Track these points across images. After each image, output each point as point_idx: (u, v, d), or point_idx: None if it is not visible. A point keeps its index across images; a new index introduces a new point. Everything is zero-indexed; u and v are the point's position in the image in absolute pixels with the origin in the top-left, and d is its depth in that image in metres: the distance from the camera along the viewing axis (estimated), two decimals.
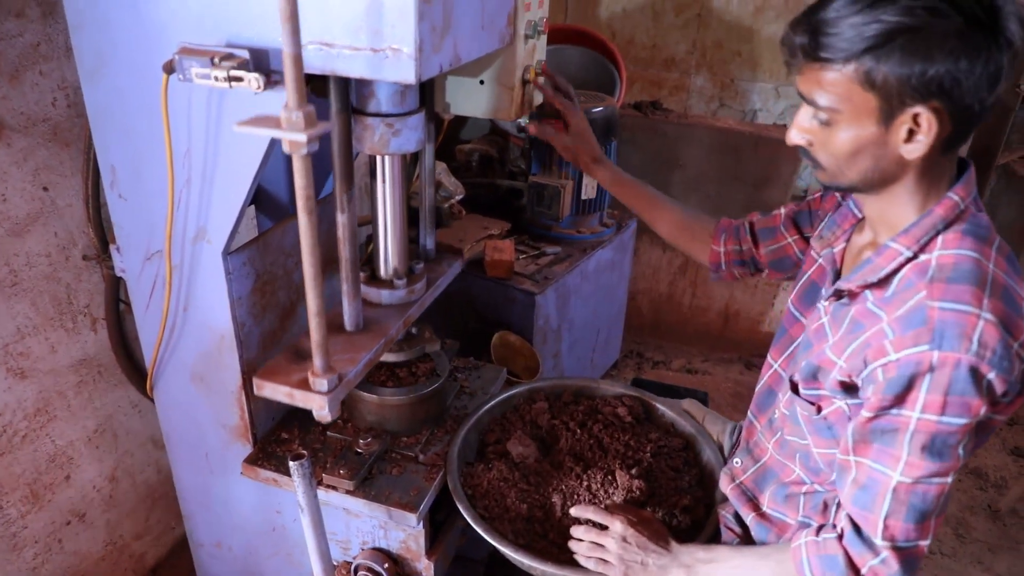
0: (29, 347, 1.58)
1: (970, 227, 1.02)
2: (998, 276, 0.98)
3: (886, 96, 0.94)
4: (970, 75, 0.90)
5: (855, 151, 1.01)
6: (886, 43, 0.91)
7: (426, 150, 1.53)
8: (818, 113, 1.01)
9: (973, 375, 0.92)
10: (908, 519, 0.99)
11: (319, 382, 1.17)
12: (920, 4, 0.89)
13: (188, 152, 1.26)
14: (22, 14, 1.41)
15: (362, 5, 1.05)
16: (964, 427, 0.95)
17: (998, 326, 0.93)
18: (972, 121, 0.97)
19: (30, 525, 1.67)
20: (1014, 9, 0.90)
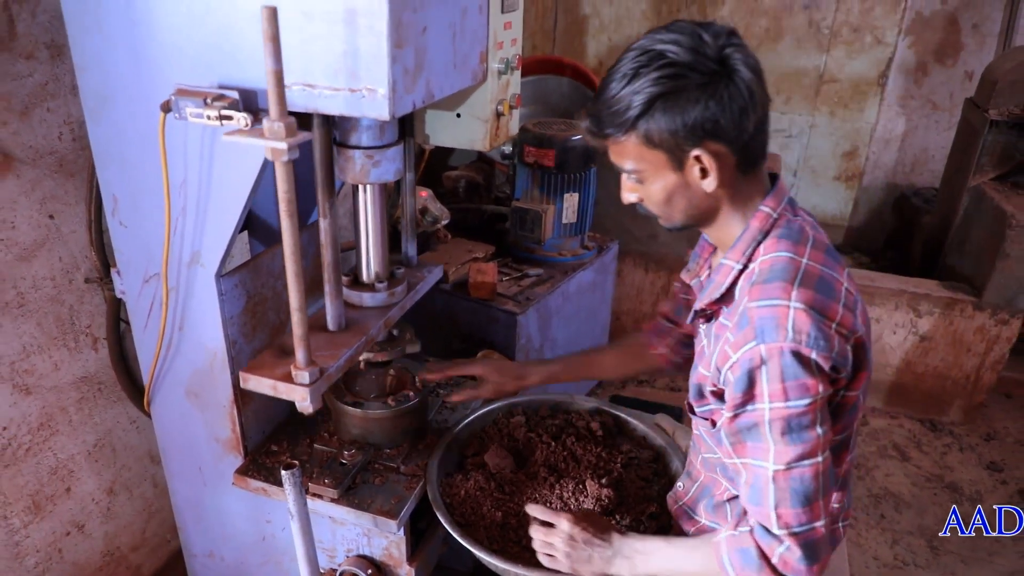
0: (34, 364, 1.67)
1: (784, 231, 1.16)
2: (811, 268, 1.11)
3: (668, 149, 1.11)
4: (722, 114, 1.07)
5: (669, 197, 1.17)
6: (648, 110, 1.08)
7: (406, 177, 1.64)
8: (631, 175, 1.19)
9: (798, 358, 1.04)
10: (795, 504, 1.08)
11: (301, 375, 1.27)
12: (665, 73, 1.06)
13: (184, 183, 1.37)
14: (32, 56, 1.52)
15: (340, 50, 1.16)
16: (811, 406, 1.06)
17: (808, 311, 1.05)
18: (748, 145, 1.12)
19: (32, 535, 1.76)
20: (740, 56, 1.08)
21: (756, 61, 1.10)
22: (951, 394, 3.22)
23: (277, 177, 1.11)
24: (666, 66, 1.06)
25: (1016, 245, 2.87)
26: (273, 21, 1.01)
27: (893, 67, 4.32)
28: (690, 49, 1.06)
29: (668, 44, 1.07)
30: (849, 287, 1.15)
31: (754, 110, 1.09)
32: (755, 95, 1.09)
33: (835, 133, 4.58)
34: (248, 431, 1.64)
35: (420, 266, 1.77)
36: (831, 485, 1.11)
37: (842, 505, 1.34)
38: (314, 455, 1.67)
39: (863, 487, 2.83)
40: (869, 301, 3.13)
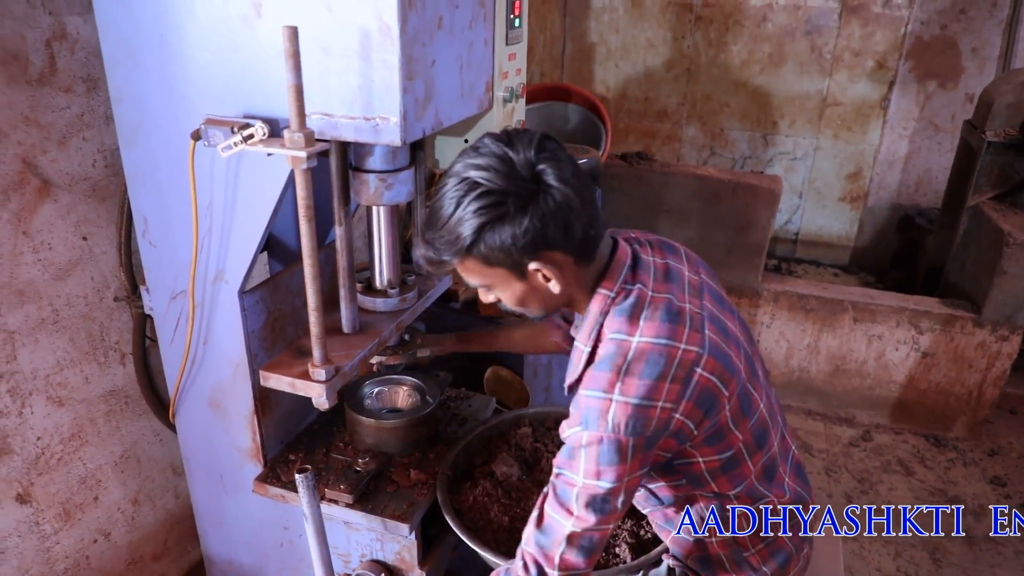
0: (67, 378, 1.77)
1: (620, 308, 1.22)
2: (641, 347, 1.17)
3: (508, 265, 1.17)
4: (548, 227, 1.13)
5: (522, 301, 1.26)
6: (478, 238, 1.13)
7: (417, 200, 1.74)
8: (483, 288, 1.26)
9: (615, 446, 1.14)
10: (579, 556, 1.21)
11: (318, 372, 1.37)
12: (484, 203, 1.11)
13: (210, 205, 1.47)
14: (70, 89, 1.64)
15: (356, 82, 1.26)
16: (616, 488, 1.17)
17: (628, 403, 1.13)
18: (582, 245, 1.18)
19: (62, 541, 1.84)
20: (552, 169, 1.13)
21: (571, 163, 1.16)
22: (954, 410, 3.26)
23: (297, 184, 1.22)
24: (484, 195, 1.11)
25: (1013, 262, 2.93)
26: (294, 39, 1.12)
27: (895, 90, 4.41)
28: (503, 175, 1.12)
29: (482, 172, 1.12)
30: (688, 347, 1.18)
31: (577, 216, 1.15)
32: (573, 203, 1.14)
33: (839, 155, 4.67)
34: (268, 440, 1.73)
35: (431, 275, 1.87)
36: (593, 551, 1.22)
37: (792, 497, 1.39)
38: (330, 463, 1.75)
39: (867, 501, 2.88)
40: (871, 319, 3.20)
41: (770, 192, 3.17)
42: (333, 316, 1.59)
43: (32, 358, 1.68)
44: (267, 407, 1.70)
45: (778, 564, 1.39)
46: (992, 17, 4.14)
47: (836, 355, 3.32)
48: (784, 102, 4.65)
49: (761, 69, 4.60)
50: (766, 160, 4.83)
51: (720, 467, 1.29)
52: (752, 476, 1.32)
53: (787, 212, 4.88)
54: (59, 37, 1.60)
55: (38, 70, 1.57)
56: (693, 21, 4.59)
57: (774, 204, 3.18)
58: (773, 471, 1.37)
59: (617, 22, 4.69)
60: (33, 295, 1.66)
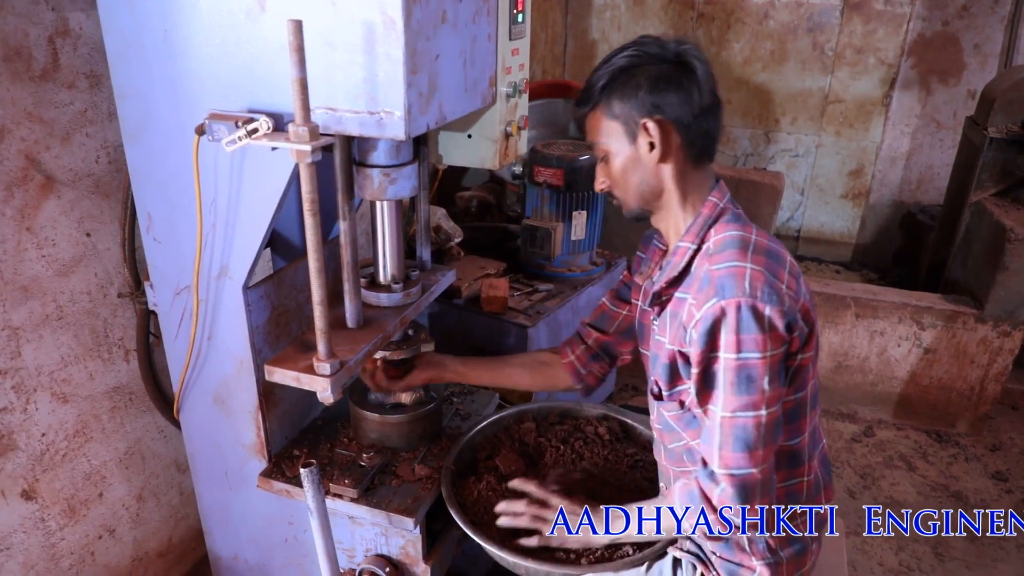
0: (71, 374, 1.78)
1: (732, 217, 1.33)
2: (760, 242, 1.26)
3: (624, 120, 1.31)
4: (670, 95, 1.27)
5: (624, 171, 1.35)
6: (611, 82, 1.30)
7: (420, 194, 1.74)
8: (598, 155, 1.39)
9: (753, 312, 1.16)
10: (736, 448, 1.21)
11: (323, 366, 1.37)
12: (630, 53, 1.30)
13: (214, 201, 1.47)
14: (73, 85, 1.64)
15: (360, 76, 1.26)
16: (760, 360, 1.17)
17: (762, 272, 1.20)
18: (691, 129, 1.29)
19: (67, 537, 1.85)
20: (694, 53, 1.29)
21: (707, 63, 1.30)
22: (957, 405, 3.26)
23: (301, 178, 1.22)
24: (633, 52, 1.30)
25: (1016, 258, 2.93)
26: (298, 33, 1.12)
27: (897, 87, 4.41)
28: (656, 44, 1.30)
29: (643, 40, 1.31)
30: (792, 262, 1.29)
31: (699, 96, 1.28)
32: (700, 86, 1.28)
33: (841, 152, 4.67)
34: (272, 436, 1.73)
35: (434, 270, 1.87)
36: (773, 438, 1.22)
37: (815, 479, 1.41)
38: (335, 458, 1.76)
39: (869, 496, 2.88)
40: (873, 315, 3.20)
41: (772, 188, 3.17)
42: (337, 311, 1.59)
43: (37, 354, 1.69)
44: (271, 403, 1.70)
45: (794, 551, 1.39)
46: (994, 13, 4.14)
47: (838, 351, 3.32)
48: (786, 99, 4.65)
49: (763, 66, 4.61)
50: (768, 157, 4.83)
51: (788, 412, 1.30)
52: (806, 434, 1.35)
53: (789, 209, 4.88)
54: (62, 33, 1.60)
55: (41, 66, 1.58)
56: (695, 18, 4.59)
57: (776, 200, 3.18)
58: (815, 443, 1.40)
59: (619, 19, 4.69)
60: (37, 291, 1.66)
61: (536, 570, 1.46)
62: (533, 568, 1.46)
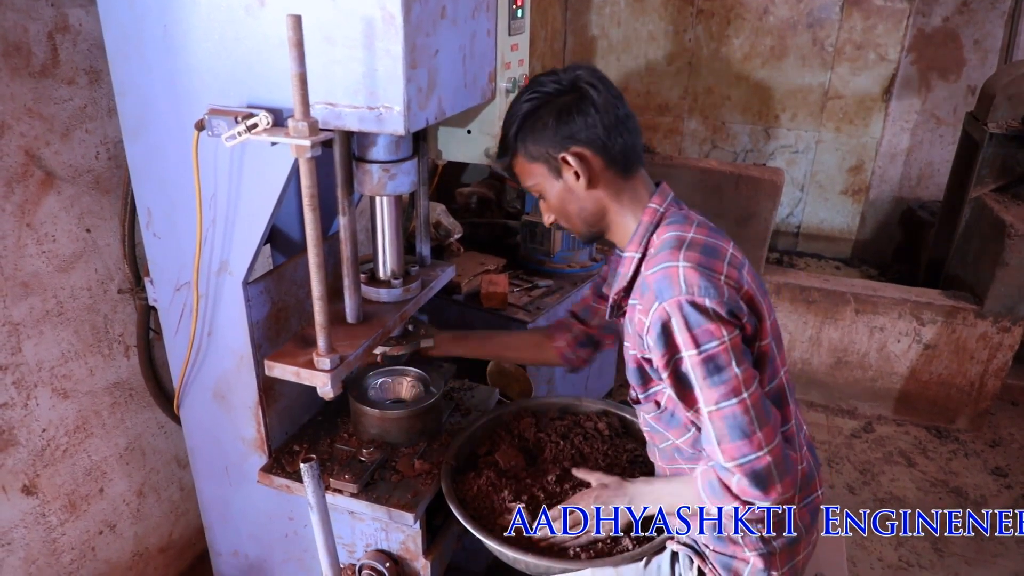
0: (71, 370, 1.78)
1: (673, 218, 1.36)
2: (696, 239, 1.28)
3: (544, 160, 1.35)
4: (576, 123, 1.30)
5: (562, 204, 1.39)
6: (520, 128, 1.34)
7: (420, 191, 1.74)
8: (536, 195, 1.42)
9: (695, 307, 1.18)
10: (733, 439, 1.20)
11: (322, 361, 1.37)
12: (530, 99, 1.33)
13: (214, 196, 1.48)
14: (73, 81, 1.64)
15: (360, 71, 1.27)
16: (721, 347, 1.18)
17: (694, 268, 1.21)
18: (608, 148, 1.32)
19: (68, 533, 1.85)
20: (587, 78, 1.32)
21: (605, 84, 1.33)
22: (956, 401, 3.26)
23: (301, 173, 1.23)
24: (532, 95, 1.34)
25: (1015, 254, 2.93)
26: (297, 28, 1.13)
27: (897, 83, 4.41)
28: (552, 81, 1.33)
29: (541, 79, 1.35)
30: (735, 253, 1.31)
31: (605, 118, 1.30)
32: (599, 107, 1.30)
33: (841, 148, 4.66)
34: (272, 431, 1.73)
35: (434, 266, 1.87)
36: (767, 417, 1.21)
37: (807, 467, 1.41)
38: (335, 454, 1.76)
39: (868, 492, 2.88)
40: (873, 310, 3.20)
41: (772, 184, 3.17)
42: (337, 306, 1.59)
43: (37, 350, 1.69)
44: (271, 398, 1.71)
45: (787, 541, 1.39)
46: (994, 9, 4.13)
47: (838, 347, 3.32)
48: (786, 95, 4.64)
49: (763, 62, 4.60)
50: (768, 153, 4.83)
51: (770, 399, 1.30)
52: (792, 423, 1.35)
53: (789, 206, 4.88)
54: (61, 29, 1.60)
55: (40, 62, 1.58)
56: (694, 14, 4.58)
57: (776, 196, 3.18)
58: (799, 428, 1.40)
59: (618, 15, 4.68)
60: (37, 287, 1.66)
61: (536, 565, 1.47)
62: (533, 563, 1.47)
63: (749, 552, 1.38)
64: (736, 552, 1.39)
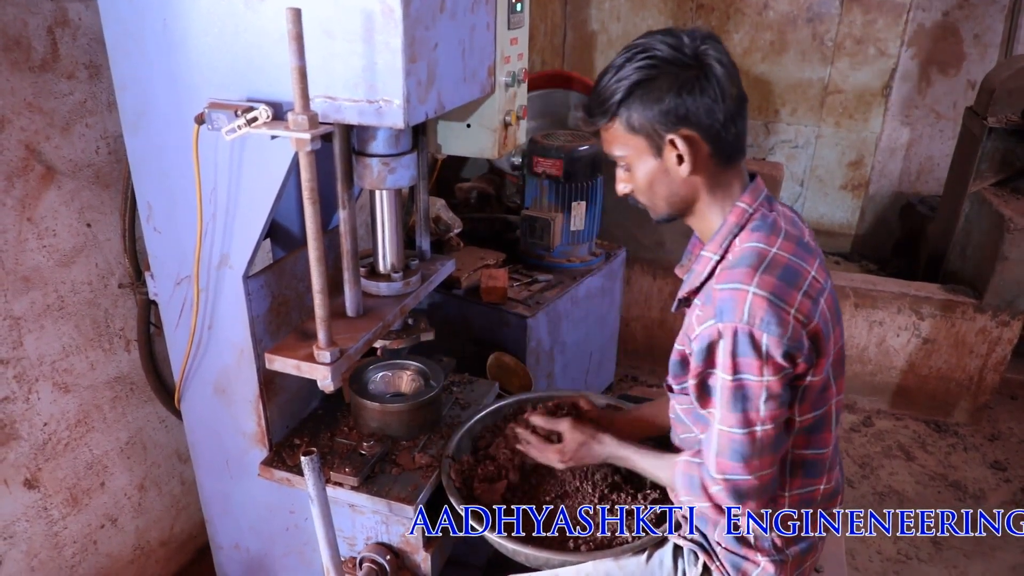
0: (72, 364, 1.78)
1: (758, 224, 1.26)
2: (779, 257, 1.20)
3: (647, 134, 1.23)
4: (695, 104, 1.19)
5: (651, 183, 1.28)
6: (628, 96, 1.21)
7: (420, 185, 1.74)
8: (620, 164, 1.31)
9: (749, 339, 1.14)
10: (731, 458, 1.22)
11: (323, 354, 1.38)
12: (644, 64, 1.20)
13: (214, 190, 1.48)
14: (73, 76, 1.65)
15: (359, 65, 1.27)
16: (755, 383, 1.16)
17: (766, 297, 1.14)
18: (719, 136, 1.22)
19: (70, 526, 1.86)
20: (714, 53, 1.20)
21: (730, 61, 1.22)
22: (955, 395, 3.27)
23: (301, 166, 1.23)
24: (647, 58, 1.20)
25: (1014, 248, 2.94)
26: (297, 21, 1.13)
27: (896, 78, 4.41)
28: (671, 46, 1.20)
29: (654, 41, 1.21)
30: (817, 276, 1.23)
31: (723, 102, 1.20)
32: (725, 89, 1.20)
33: (841, 143, 4.67)
34: (272, 425, 1.74)
35: (434, 260, 1.88)
36: (772, 451, 1.22)
37: (834, 487, 1.41)
38: (335, 447, 1.77)
39: (867, 485, 2.89)
40: (872, 305, 3.21)
41: (771, 179, 3.17)
42: (337, 300, 1.60)
43: (38, 344, 1.69)
44: (272, 392, 1.71)
45: (800, 550, 1.39)
46: (994, 3, 4.13)
47: None
48: (786, 90, 4.65)
49: (763, 57, 4.60)
50: (768, 148, 4.83)
51: (809, 427, 1.29)
52: (830, 447, 1.35)
53: (788, 200, 4.88)
54: (61, 23, 1.60)
55: (40, 56, 1.58)
56: (694, 9, 4.58)
57: (775, 191, 3.18)
58: (835, 450, 1.40)
59: (618, 10, 4.68)
60: (38, 281, 1.67)
61: (536, 557, 1.47)
62: (533, 555, 1.47)
63: (762, 558, 1.38)
64: (749, 554, 1.39)
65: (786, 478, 1.33)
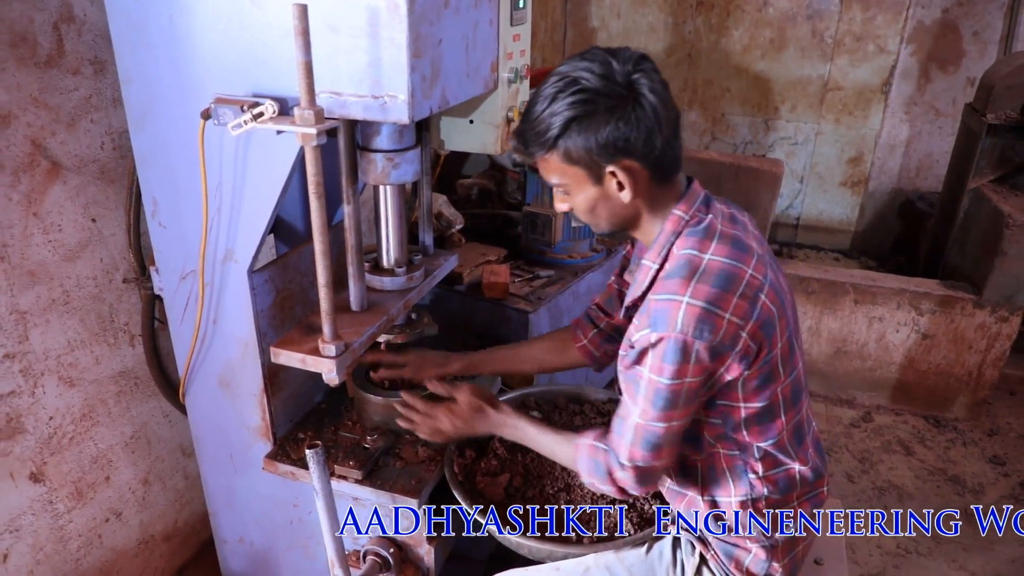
0: (77, 359, 1.80)
1: (692, 230, 1.28)
2: (712, 264, 1.22)
3: (586, 165, 1.23)
4: (631, 133, 1.18)
5: (592, 208, 1.30)
6: (565, 131, 1.20)
7: (423, 181, 1.75)
8: (558, 188, 1.31)
9: (681, 347, 1.18)
10: (644, 448, 1.27)
11: (328, 348, 1.39)
12: (578, 98, 1.18)
13: (220, 185, 1.49)
14: (78, 72, 1.65)
15: (364, 60, 1.28)
16: (679, 385, 1.21)
17: (700, 306, 1.18)
18: (660, 161, 1.24)
19: (75, 520, 1.87)
20: (647, 81, 1.19)
21: (662, 84, 1.22)
22: (954, 391, 3.29)
23: (307, 161, 1.24)
24: (579, 91, 1.18)
25: (1014, 244, 2.95)
26: (303, 17, 1.14)
27: (896, 75, 4.42)
28: (601, 76, 1.18)
29: (582, 71, 1.19)
30: (755, 273, 1.24)
31: (660, 130, 1.20)
32: (660, 116, 1.20)
33: (840, 140, 4.68)
34: (277, 419, 1.75)
35: (437, 255, 1.89)
36: (678, 441, 1.30)
37: (814, 468, 1.43)
38: (339, 441, 1.78)
39: (867, 480, 2.91)
40: (872, 300, 3.22)
41: (772, 175, 3.19)
42: (341, 295, 1.61)
43: (44, 338, 1.70)
44: (276, 386, 1.72)
45: (789, 535, 1.41)
46: (993, 0, 4.14)
47: (837, 337, 3.34)
48: (785, 87, 4.66)
49: (762, 54, 4.61)
50: (767, 145, 4.84)
51: (756, 415, 1.32)
52: (784, 433, 1.36)
53: (788, 197, 4.89)
54: (67, 19, 1.61)
55: (46, 52, 1.59)
56: (694, 6, 4.59)
57: (776, 187, 3.19)
58: (801, 435, 1.41)
59: (618, 7, 4.68)
60: (44, 276, 1.68)
61: (538, 549, 1.49)
62: (536, 547, 1.49)
63: (752, 544, 1.40)
64: (739, 542, 1.41)
65: (755, 462, 1.36)
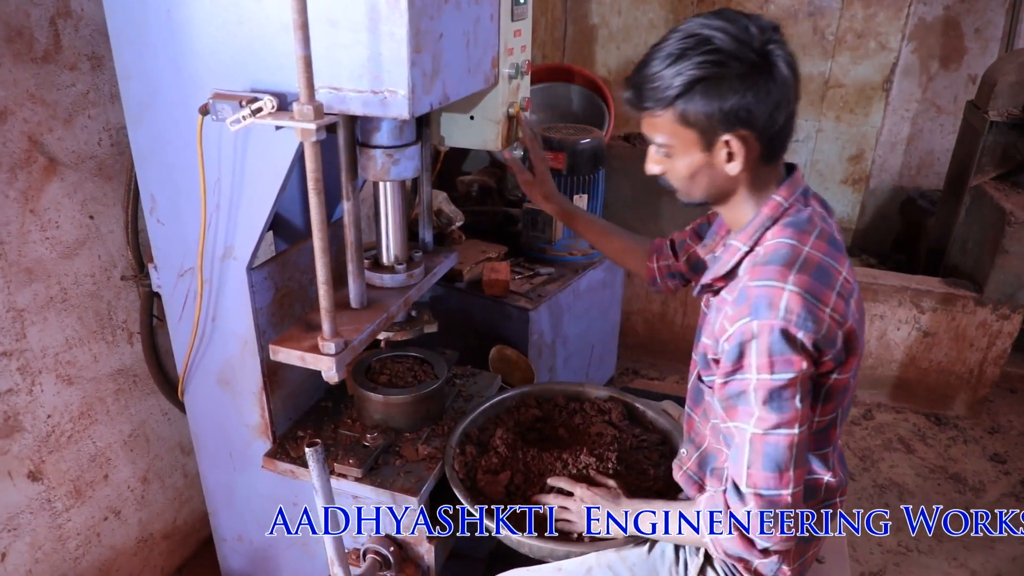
0: (76, 357, 1.78)
1: (792, 220, 1.24)
2: (811, 256, 1.18)
3: (701, 130, 1.18)
4: (757, 105, 1.14)
5: (692, 174, 1.24)
6: (689, 91, 1.14)
7: (423, 177, 1.74)
8: (659, 148, 1.25)
9: (785, 336, 1.12)
10: (766, 467, 1.17)
11: (327, 345, 1.38)
12: (710, 58, 1.12)
13: (218, 181, 1.48)
14: (75, 67, 1.64)
15: (364, 55, 1.26)
16: (793, 380, 1.14)
17: (801, 294, 1.13)
18: (775, 138, 1.19)
19: (73, 519, 1.86)
20: (782, 52, 1.14)
21: (795, 59, 1.17)
22: (955, 388, 3.28)
23: (306, 156, 1.23)
24: (711, 52, 1.12)
25: (1015, 241, 2.94)
26: (302, 10, 1.13)
27: (897, 72, 4.40)
28: (735, 38, 1.12)
29: (715, 31, 1.13)
30: (848, 277, 1.21)
31: (787, 105, 1.16)
32: (790, 91, 1.16)
33: (841, 137, 4.66)
34: (276, 417, 1.74)
35: (437, 252, 1.88)
36: (804, 461, 1.19)
37: (839, 481, 1.42)
38: (338, 439, 1.77)
39: (868, 478, 2.90)
40: (873, 298, 3.21)
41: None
42: (340, 292, 1.60)
43: (41, 336, 1.69)
44: (275, 384, 1.71)
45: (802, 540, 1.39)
46: None
47: None
48: None
49: None
50: None
51: (823, 427, 1.29)
52: (830, 447, 1.34)
53: None
54: (63, 14, 1.60)
55: (43, 47, 1.57)
56: (695, 3, 4.57)
57: None
58: (838, 446, 1.39)
59: (619, 4, 4.67)
60: (41, 273, 1.67)
61: (539, 548, 1.48)
62: (536, 546, 1.48)
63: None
64: None
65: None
